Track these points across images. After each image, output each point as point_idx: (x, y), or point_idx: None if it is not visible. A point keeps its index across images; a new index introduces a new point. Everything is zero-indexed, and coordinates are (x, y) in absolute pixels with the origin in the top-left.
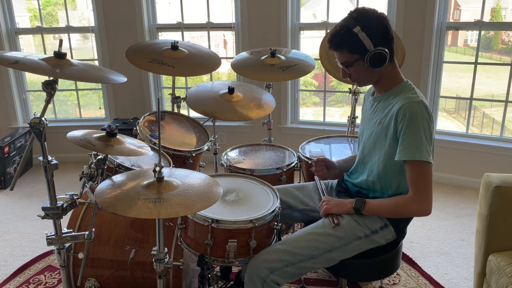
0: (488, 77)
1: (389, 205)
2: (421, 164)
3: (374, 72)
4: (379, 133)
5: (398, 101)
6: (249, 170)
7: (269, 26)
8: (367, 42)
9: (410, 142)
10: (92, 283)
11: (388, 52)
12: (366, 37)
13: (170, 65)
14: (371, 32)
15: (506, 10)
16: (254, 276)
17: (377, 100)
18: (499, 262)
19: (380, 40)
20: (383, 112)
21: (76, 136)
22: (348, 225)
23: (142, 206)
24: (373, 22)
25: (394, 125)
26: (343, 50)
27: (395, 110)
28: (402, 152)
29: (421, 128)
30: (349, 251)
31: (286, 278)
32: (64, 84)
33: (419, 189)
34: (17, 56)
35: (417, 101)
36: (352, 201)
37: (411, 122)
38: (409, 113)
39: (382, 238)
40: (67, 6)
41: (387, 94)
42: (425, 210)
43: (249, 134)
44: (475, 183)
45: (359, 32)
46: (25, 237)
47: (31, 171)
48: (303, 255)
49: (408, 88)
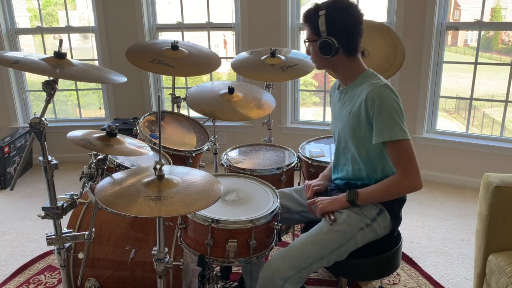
0: (488, 77)
1: (381, 188)
2: (399, 143)
3: (325, 59)
4: (352, 122)
5: (364, 89)
6: (249, 170)
7: (269, 26)
8: (322, 28)
9: (384, 124)
10: (92, 283)
11: (338, 44)
12: (324, 24)
13: (170, 65)
14: (331, 21)
15: (506, 10)
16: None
17: (344, 92)
18: (499, 262)
19: (337, 31)
20: (351, 102)
21: (76, 136)
22: (349, 218)
23: (143, 204)
24: (338, 13)
25: (365, 112)
26: (308, 26)
27: (363, 98)
28: (378, 135)
29: (391, 109)
30: (354, 245)
31: (299, 283)
32: (64, 84)
33: (404, 167)
34: (17, 56)
35: (382, 85)
36: (345, 195)
37: (381, 105)
38: (377, 97)
39: (380, 226)
40: (67, 6)
41: (352, 84)
42: (416, 185)
43: (249, 134)
44: (475, 183)
45: (321, 17)
46: (25, 237)
47: (31, 171)
48: (313, 258)
49: (371, 76)
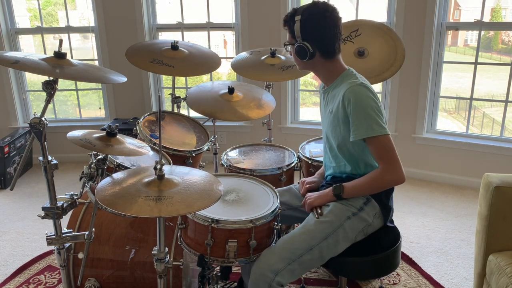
0: (488, 77)
1: (365, 182)
2: (378, 138)
3: (303, 62)
4: (332, 121)
5: (342, 88)
6: (249, 170)
7: (269, 26)
8: (297, 33)
9: (361, 121)
10: (92, 283)
11: (314, 49)
12: (299, 29)
13: (170, 65)
14: (305, 26)
15: (506, 10)
16: (260, 282)
17: (326, 92)
18: (499, 262)
19: (311, 36)
20: (332, 102)
21: (76, 136)
22: (335, 208)
23: (143, 204)
24: (312, 18)
25: (343, 111)
26: (287, 31)
27: (340, 97)
28: (355, 133)
29: (367, 107)
30: (344, 236)
31: (291, 277)
32: (64, 84)
33: (385, 161)
34: (17, 56)
35: (357, 84)
36: (331, 189)
37: (356, 103)
38: (353, 96)
39: (370, 215)
40: (67, 6)
41: (333, 84)
42: (398, 178)
43: (249, 134)
44: (475, 183)
45: (297, 22)
46: (25, 237)
47: (31, 171)
48: (302, 249)
49: (349, 76)
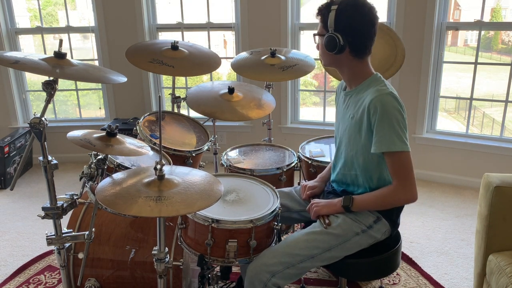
0: (488, 77)
1: (376, 197)
2: (398, 154)
3: (330, 56)
4: (353, 128)
5: (368, 95)
6: (249, 170)
7: (269, 26)
8: (330, 24)
9: (384, 134)
10: (92, 283)
11: (344, 42)
12: (333, 19)
13: (170, 65)
14: (340, 17)
15: (506, 10)
16: (255, 280)
17: (349, 94)
18: (499, 262)
19: (344, 28)
20: (355, 107)
21: (76, 136)
22: (344, 223)
23: (143, 204)
24: (348, 10)
25: (367, 119)
26: (319, 20)
27: (366, 104)
28: (377, 145)
29: (393, 119)
30: (348, 248)
31: (287, 280)
32: (64, 84)
33: (401, 178)
34: (17, 56)
35: (386, 93)
36: (340, 200)
37: (383, 115)
38: (380, 105)
39: (378, 232)
40: (67, 6)
41: (358, 88)
42: (411, 197)
43: (249, 134)
44: (475, 183)
45: (332, 11)
46: (25, 237)
47: (31, 171)
48: (303, 256)
49: (377, 81)
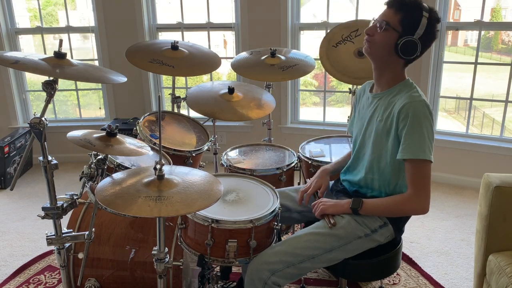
0: (488, 77)
1: (387, 203)
2: (422, 163)
3: (389, 55)
4: (380, 131)
5: (399, 99)
6: (249, 170)
7: (269, 26)
8: (418, 29)
9: (413, 141)
10: (92, 283)
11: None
12: (424, 28)
13: (170, 65)
14: (429, 29)
15: (506, 10)
16: (255, 278)
17: (378, 97)
18: (499, 262)
19: (428, 42)
20: (384, 110)
21: (76, 136)
22: (348, 225)
23: (143, 204)
24: (435, 25)
25: (396, 123)
26: (398, 13)
27: (397, 108)
28: (404, 151)
29: (423, 127)
30: (349, 250)
31: (287, 279)
32: (64, 84)
33: (418, 188)
34: (17, 56)
35: (419, 100)
36: (349, 202)
37: (414, 121)
38: (412, 112)
39: (382, 236)
40: (67, 6)
41: (389, 91)
42: (423, 209)
43: (249, 134)
44: (475, 183)
45: (424, 18)
46: (25, 237)
47: (31, 171)
48: (304, 256)
49: (410, 86)
